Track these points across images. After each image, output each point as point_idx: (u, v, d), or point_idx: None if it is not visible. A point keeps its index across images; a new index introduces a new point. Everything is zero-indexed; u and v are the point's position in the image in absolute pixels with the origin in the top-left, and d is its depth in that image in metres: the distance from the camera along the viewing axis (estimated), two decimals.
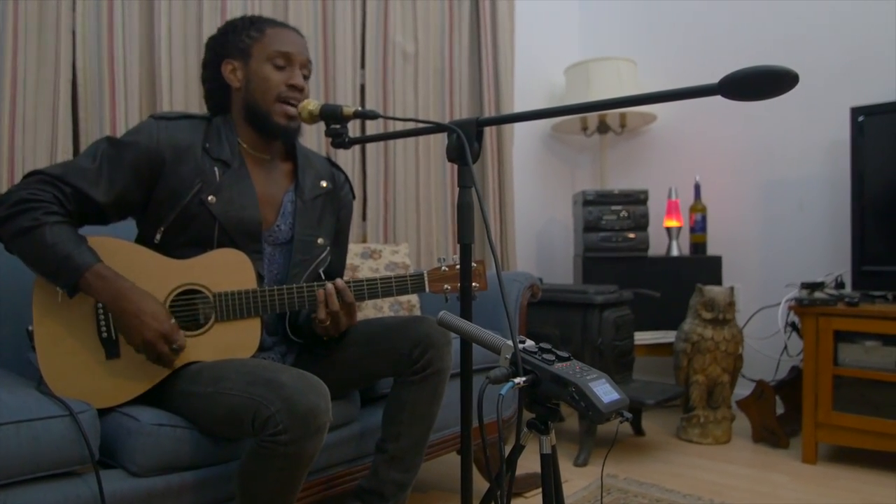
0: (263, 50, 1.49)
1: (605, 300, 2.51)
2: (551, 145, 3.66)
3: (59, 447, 1.14)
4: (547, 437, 0.96)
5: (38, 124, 1.88)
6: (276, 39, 1.50)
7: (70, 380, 1.29)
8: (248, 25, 1.52)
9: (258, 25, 1.52)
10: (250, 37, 1.51)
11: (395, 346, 1.49)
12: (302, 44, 1.54)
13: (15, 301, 1.56)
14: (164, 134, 1.42)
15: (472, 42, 3.06)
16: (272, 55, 1.49)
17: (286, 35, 1.52)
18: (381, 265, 2.37)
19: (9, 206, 1.27)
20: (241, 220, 1.45)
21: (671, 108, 3.37)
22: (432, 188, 2.90)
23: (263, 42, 1.50)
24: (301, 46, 1.53)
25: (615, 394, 0.90)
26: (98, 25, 1.99)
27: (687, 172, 3.31)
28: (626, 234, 2.97)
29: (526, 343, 0.98)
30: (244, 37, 1.51)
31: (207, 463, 1.31)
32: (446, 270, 1.52)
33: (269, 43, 1.49)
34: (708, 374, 2.63)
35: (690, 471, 2.33)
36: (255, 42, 1.50)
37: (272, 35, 1.51)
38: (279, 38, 1.51)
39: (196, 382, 1.30)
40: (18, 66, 1.84)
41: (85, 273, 1.26)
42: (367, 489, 1.50)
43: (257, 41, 1.50)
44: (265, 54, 1.49)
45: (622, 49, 3.54)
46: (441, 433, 1.85)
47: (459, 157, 1.13)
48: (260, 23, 1.53)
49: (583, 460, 2.39)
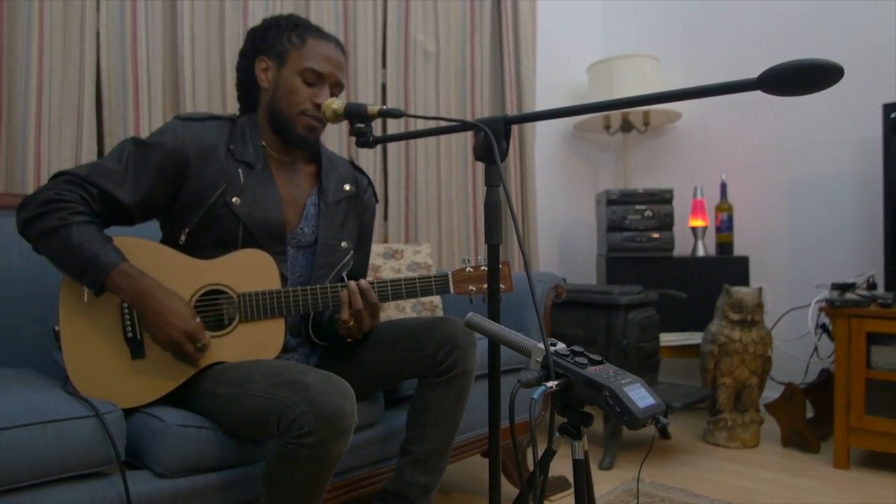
0: (299, 61, 1.46)
1: (630, 301, 2.47)
2: (573, 144, 3.62)
3: (85, 448, 1.14)
4: (579, 442, 0.94)
5: (64, 125, 1.89)
6: (314, 54, 1.47)
7: (96, 380, 1.29)
8: (292, 28, 1.49)
9: (301, 32, 1.49)
10: (291, 42, 1.48)
11: (419, 347, 1.48)
12: (339, 63, 1.50)
13: (41, 301, 1.57)
14: (189, 135, 1.41)
15: (493, 41, 3.03)
16: (304, 70, 1.46)
17: (326, 50, 1.48)
18: (403, 265, 2.36)
19: (36, 207, 1.28)
20: (265, 222, 1.44)
21: (696, 106, 3.32)
22: (454, 188, 2.88)
23: (302, 52, 1.47)
24: (336, 66, 1.49)
25: (651, 398, 0.88)
26: (121, 26, 2.00)
27: (712, 171, 3.26)
28: (651, 234, 2.93)
29: (557, 345, 0.95)
30: (284, 40, 1.48)
31: (232, 464, 1.30)
32: (471, 272, 1.50)
33: (307, 56, 1.46)
34: (735, 377, 2.58)
35: (718, 475, 2.29)
36: (293, 49, 1.47)
37: (312, 47, 1.47)
38: (317, 52, 1.47)
39: (220, 383, 1.29)
40: (44, 67, 1.85)
41: (111, 272, 1.25)
42: (391, 491, 1.49)
43: (296, 49, 1.47)
44: (299, 67, 1.46)
45: (646, 46, 3.49)
46: (465, 435, 1.83)
47: (487, 155, 1.11)
48: (303, 29, 1.49)
49: (608, 464, 2.35)
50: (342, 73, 1.52)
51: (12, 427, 1.06)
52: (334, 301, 1.42)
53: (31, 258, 1.42)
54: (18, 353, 1.56)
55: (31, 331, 1.58)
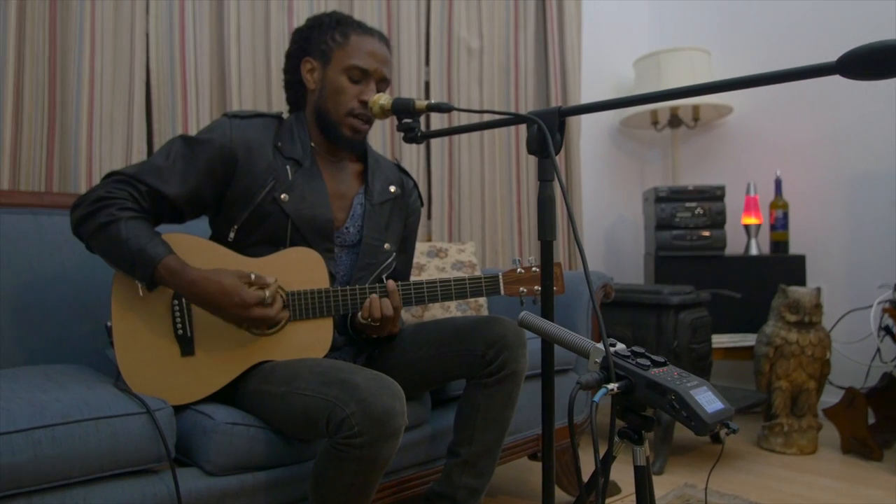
0: (344, 59, 1.45)
1: (681, 301, 2.40)
2: (619, 141, 3.54)
3: (136, 444, 1.14)
4: (641, 447, 0.90)
5: (114, 125, 1.92)
6: (358, 50, 1.45)
7: (146, 376, 1.29)
8: (335, 26, 1.48)
9: (344, 29, 1.48)
10: (334, 40, 1.47)
11: (468, 347, 1.45)
12: (384, 58, 1.49)
13: (94, 299, 1.59)
14: (237, 132, 1.41)
15: (537, 36, 2.98)
16: (350, 68, 1.45)
17: (370, 45, 1.47)
18: (448, 264, 2.33)
19: (87, 205, 1.29)
20: (313, 219, 1.43)
21: (749, 100, 3.22)
22: (498, 186, 2.84)
23: (346, 50, 1.46)
24: (381, 61, 1.48)
25: (719, 403, 0.83)
26: (170, 27, 2.02)
27: (766, 167, 3.15)
28: (701, 232, 2.85)
29: (616, 346, 0.91)
30: (328, 38, 1.47)
31: (281, 463, 1.29)
32: (522, 273, 1.46)
33: (351, 53, 1.45)
34: (792, 381, 2.48)
35: (774, 482, 2.20)
36: (337, 48, 1.46)
37: (356, 44, 1.46)
38: (362, 48, 1.46)
39: (269, 382, 1.29)
40: (95, 70, 1.88)
41: (158, 265, 1.26)
42: (439, 493, 1.46)
43: (340, 47, 1.46)
44: (344, 65, 1.45)
45: (695, 39, 3.40)
46: (514, 437, 1.80)
47: (541, 149, 1.07)
48: (346, 26, 1.48)
49: (658, 468, 2.29)
50: (387, 67, 1.50)
51: (65, 423, 1.07)
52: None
53: (84, 256, 1.44)
54: (71, 350, 1.58)
55: (83, 327, 1.60)
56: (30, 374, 1.31)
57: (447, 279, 1.44)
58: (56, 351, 1.57)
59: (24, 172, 1.77)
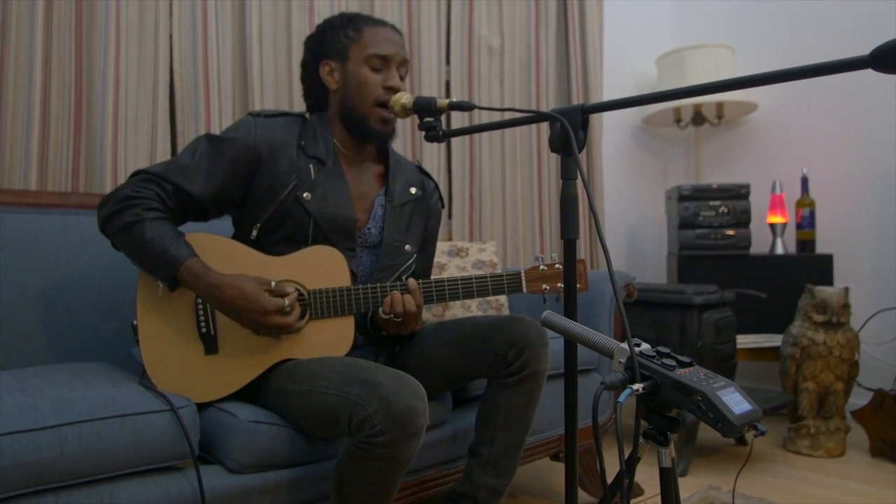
0: (361, 52, 1.46)
1: (705, 301, 2.37)
2: (642, 139, 3.51)
3: (161, 441, 1.15)
4: (666, 449, 0.88)
5: (139, 126, 1.94)
6: (374, 40, 1.47)
7: (171, 374, 1.31)
8: (346, 24, 1.50)
9: (355, 24, 1.49)
10: (348, 37, 1.48)
11: (489, 346, 1.44)
12: (399, 42, 1.50)
13: (119, 297, 1.62)
14: (261, 131, 1.42)
15: (559, 34, 2.96)
16: (369, 57, 1.46)
17: (384, 34, 1.48)
18: (469, 263, 2.33)
19: (114, 204, 1.31)
20: (335, 218, 1.44)
21: (774, 96, 3.16)
22: (519, 185, 2.83)
23: (361, 43, 1.47)
24: (398, 45, 1.49)
25: (747, 404, 0.81)
26: (193, 29, 2.04)
27: (792, 165, 3.10)
28: (725, 231, 2.81)
29: (641, 346, 0.90)
30: (342, 37, 1.49)
31: (303, 461, 1.30)
32: (545, 270, 1.45)
33: (367, 44, 1.46)
34: (819, 382, 2.43)
35: (800, 485, 2.16)
36: (352, 43, 1.48)
37: (369, 35, 1.47)
38: (376, 38, 1.47)
39: (291, 380, 1.29)
40: (120, 71, 1.90)
41: (180, 267, 1.27)
42: (460, 493, 1.46)
43: (355, 42, 1.47)
44: (362, 56, 1.46)
45: (718, 35, 3.35)
46: (535, 437, 1.78)
47: (564, 147, 1.06)
48: (357, 21, 1.50)
49: (682, 470, 2.26)
50: (404, 50, 1.51)
51: (91, 420, 1.08)
52: None
53: (110, 255, 1.45)
54: (97, 348, 1.60)
55: (109, 326, 1.62)
56: (57, 371, 1.33)
57: (468, 276, 1.43)
58: (82, 349, 1.59)
59: (51, 173, 1.80)
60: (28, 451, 1.01)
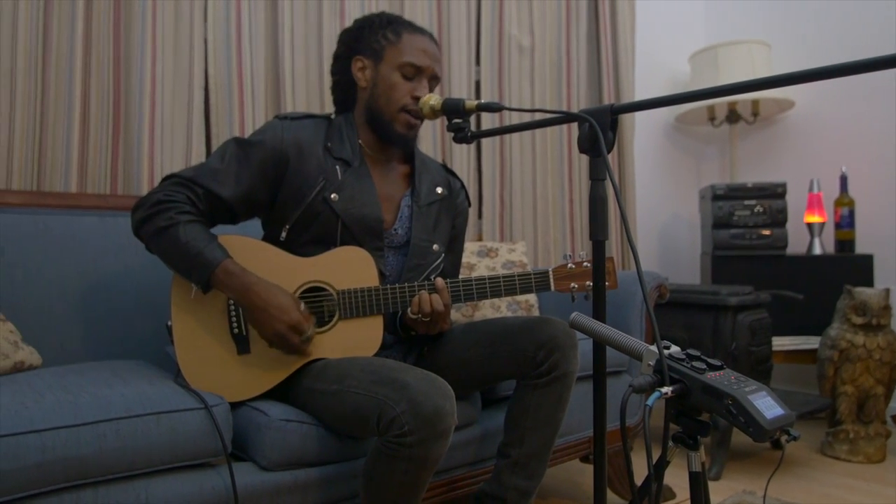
0: (396, 57, 1.47)
1: (739, 302, 2.33)
2: (675, 137, 3.46)
3: (194, 438, 1.17)
4: (696, 453, 0.87)
5: (175, 130, 1.99)
6: (411, 48, 1.47)
7: (204, 373, 1.33)
8: (385, 25, 1.50)
9: (395, 28, 1.49)
10: (386, 38, 1.48)
11: (518, 347, 1.43)
12: (435, 56, 1.50)
13: (155, 298, 1.65)
14: (288, 133, 1.44)
15: (590, 32, 2.94)
16: (403, 65, 1.46)
17: (421, 44, 1.48)
18: (498, 264, 2.32)
19: (147, 208, 1.34)
20: (362, 218, 1.45)
21: (811, 93, 3.09)
22: (549, 185, 2.81)
23: (398, 48, 1.47)
24: (433, 58, 1.49)
25: (779, 408, 0.80)
26: (227, 33, 2.07)
27: (831, 163, 3.02)
28: (761, 231, 2.75)
29: (671, 349, 0.89)
30: (380, 37, 1.49)
31: (333, 460, 1.31)
32: (573, 268, 1.44)
33: (403, 51, 1.47)
34: (858, 385, 2.37)
35: (839, 491, 2.11)
36: (389, 46, 1.48)
37: (408, 42, 1.47)
38: (414, 46, 1.47)
39: (321, 380, 1.31)
40: (157, 77, 1.94)
41: (215, 269, 1.29)
42: (489, 494, 1.46)
43: (392, 45, 1.48)
44: (397, 62, 1.46)
45: (754, 31, 3.29)
46: (565, 439, 1.78)
47: (592, 147, 1.05)
48: (397, 25, 1.50)
49: (715, 473, 2.22)
50: (438, 65, 1.51)
51: (129, 417, 1.11)
52: None
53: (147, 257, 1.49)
54: (134, 347, 1.64)
55: (145, 325, 1.66)
56: (96, 369, 1.37)
57: (496, 275, 1.43)
58: (120, 348, 1.63)
59: (90, 176, 1.85)
60: (68, 447, 1.04)
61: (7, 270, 1.53)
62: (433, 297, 1.40)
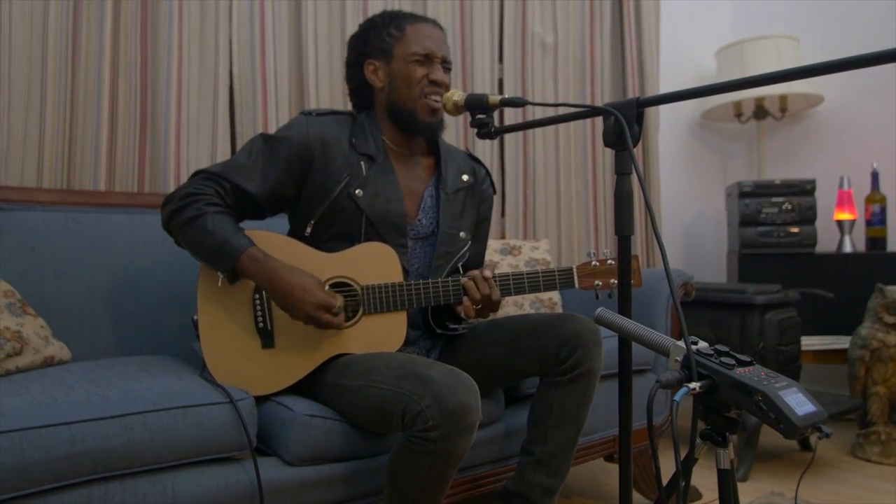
0: (405, 50, 1.48)
1: (767, 301, 2.29)
2: (700, 134, 3.42)
3: (220, 432, 1.18)
4: (725, 450, 0.86)
5: (201, 128, 2.01)
6: (416, 38, 1.48)
7: (230, 368, 1.34)
8: (388, 22, 1.51)
9: (398, 23, 1.51)
10: (391, 35, 1.50)
11: (542, 344, 1.43)
12: (441, 39, 1.51)
13: (182, 294, 1.67)
14: (313, 129, 1.45)
15: (614, 28, 2.91)
16: (412, 56, 1.47)
17: (425, 30, 1.50)
18: (521, 261, 2.31)
19: (178, 201, 1.35)
20: (386, 213, 1.45)
21: (841, 88, 3.03)
22: (573, 182, 2.79)
23: (405, 42, 1.48)
24: (440, 42, 1.51)
25: (810, 405, 0.78)
26: (251, 32, 2.09)
27: (861, 159, 2.96)
28: (789, 229, 2.71)
29: (699, 344, 0.88)
30: (385, 36, 1.50)
31: (357, 455, 1.32)
32: (597, 265, 1.43)
33: (410, 43, 1.48)
34: (890, 386, 2.32)
35: (870, 494, 2.06)
36: (396, 42, 1.49)
37: (412, 33, 1.49)
38: (419, 35, 1.49)
39: (346, 375, 1.31)
40: (183, 76, 1.97)
41: (241, 255, 1.30)
42: (513, 492, 1.45)
43: (398, 41, 1.49)
44: (406, 55, 1.48)
45: (782, 26, 3.23)
46: (589, 437, 1.76)
47: (617, 141, 1.04)
48: (399, 19, 1.51)
49: (742, 474, 2.19)
50: (446, 48, 1.52)
51: (156, 410, 1.12)
52: (455, 294, 1.41)
53: (174, 253, 1.51)
54: (161, 342, 1.66)
55: (172, 321, 1.68)
56: (124, 364, 1.39)
57: (520, 273, 1.42)
58: (148, 343, 1.65)
59: (118, 174, 1.88)
60: (97, 439, 1.05)
61: (38, 267, 1.56)
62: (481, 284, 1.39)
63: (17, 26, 1.71)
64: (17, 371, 1.30)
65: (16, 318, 1.36)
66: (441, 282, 1.41)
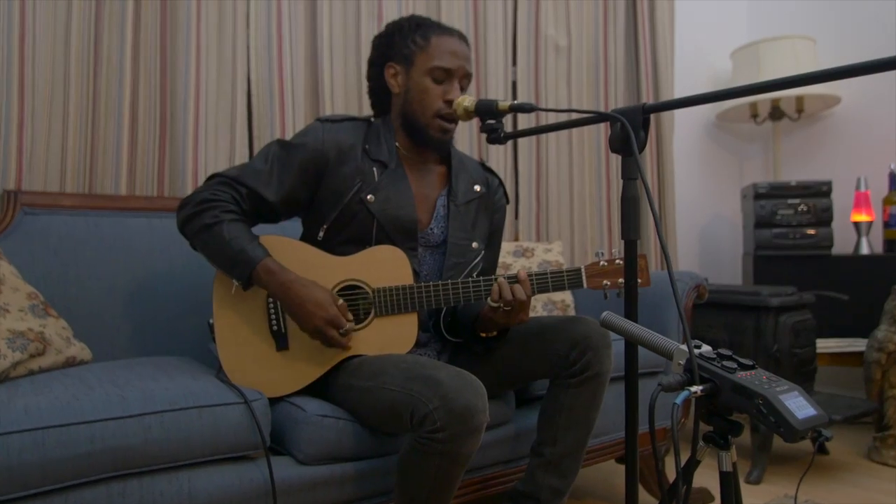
0: (426, 62, 1.48)
1: (781, 303, 2.28)
2: (716, 135, 3.40)
3: (235, 432, 1.21)
4: (727, 452, 0.87)
5: (219, 133, 2.04)
6: (440, 51, 1.48)
7: (244, 369, 1.38)
8: (415, 29, 1.52)
9: (423, 31, 1.51)
10: (415, 43, 1.50)
11: (552, 346, 1.44)
12: (465, 55, 1.51)
13: (199, 296, 1.71)
14: (328, 135, 1.47)
15: (628, 30, 2.92)
16: (433, 69, 1.47)
17: (450, 45, 1.49)
18: (534, 264, 2.33)
19: (193, 206, 1.38)
20: (397, 219, 1.47)
21: (858, 89, 3.01)
22: (586, 184, 2.80)
23: (428, 52, 1.48)
24: (463, 59, 1.50)
25: (811, 409, 0.79)
26: (269, 38, 2.12)
27: (879, 160, 2.93)
28: (805, 230, 2.69)
29: (701, 348, 0.89)
30: (409, 42, 1.51)
31: (368, 455, 1.34)
32: (605, 265, 1.44)
33: (433, 55, 1.48)
34: None
35: (887, 498, 2.05)
36: (419, 51, 1.49)
37: (436, 45, 1.49)
38: (443, 49, 1.48)
39: (356, 376, 1.34)
40: (201, 83, 2.01)
41: (256, 266, 1.33)
42: (522, 493, 1.47)
43: (422, 50, 1.49)
44: (427, 67, 1.48)
45: (798, 26, 3.21)
46: (600, 439, 1.77)
47: (624, 147, 1.06)
48: (425, 28, 1.51)
49: (755, 477, 2.18)
50: (469, 63, 1.52)
51: (173, 410, 1.16)
52: (465, 296, 1.42)
53: (191, 256, 1.54)
54: (178, 343, 1.70)
55: (189, 323, 1.72)
56: (142, 364, 1.42)
57: (529, 273, 1.43)
58: (165, 344, 1.69)
59: (138, 179, 1.92)
60: (115, 437, 1.09)
61: (61, 270, 1.60)
62: (514, 286, 1.39)
63: (40, 35, 1.76)
64: (39, 371, 1.34)
65: (39, 320, 1.40)
66: (451, 283, 1.42)
